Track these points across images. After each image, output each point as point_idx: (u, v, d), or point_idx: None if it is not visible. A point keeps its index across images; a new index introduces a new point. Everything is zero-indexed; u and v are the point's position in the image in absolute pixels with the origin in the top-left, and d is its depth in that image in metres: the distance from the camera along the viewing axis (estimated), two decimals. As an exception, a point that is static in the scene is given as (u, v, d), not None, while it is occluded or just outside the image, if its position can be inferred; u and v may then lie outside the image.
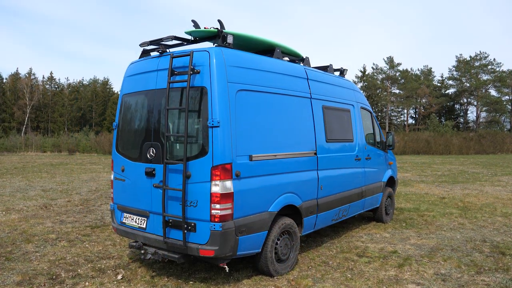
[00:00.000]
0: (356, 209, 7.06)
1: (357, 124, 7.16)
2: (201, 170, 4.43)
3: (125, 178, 5.25)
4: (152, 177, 4.85)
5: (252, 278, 5.03)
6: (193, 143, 4.62)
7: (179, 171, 4.56)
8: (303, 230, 5.62)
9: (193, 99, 4.58)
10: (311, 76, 6.12)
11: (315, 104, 6.00)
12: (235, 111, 4.55)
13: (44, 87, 69.25)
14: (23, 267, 5.37)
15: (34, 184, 13.93)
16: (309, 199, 5.63)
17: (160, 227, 4.74)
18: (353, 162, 6.87)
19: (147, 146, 4.97)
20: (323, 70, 6.90)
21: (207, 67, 4.46)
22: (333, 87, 6.73)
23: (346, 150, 6.73)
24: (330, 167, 6.16)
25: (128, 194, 5.22)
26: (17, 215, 8.57)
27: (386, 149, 8.15)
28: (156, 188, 4.80)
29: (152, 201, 4.87)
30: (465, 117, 65.20)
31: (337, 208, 6.36)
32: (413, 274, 5.22)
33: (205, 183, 4.40)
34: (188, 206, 4.50)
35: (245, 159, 4.63)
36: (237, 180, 4.50)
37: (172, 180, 4.65)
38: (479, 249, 6.27)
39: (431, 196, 11.53)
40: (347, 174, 6.65)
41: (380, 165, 7.93)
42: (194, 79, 4.55)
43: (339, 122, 6.64)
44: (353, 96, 7.34)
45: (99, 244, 6.46)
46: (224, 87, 4.47)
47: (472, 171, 19.03)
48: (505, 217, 8.62)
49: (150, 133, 4.98)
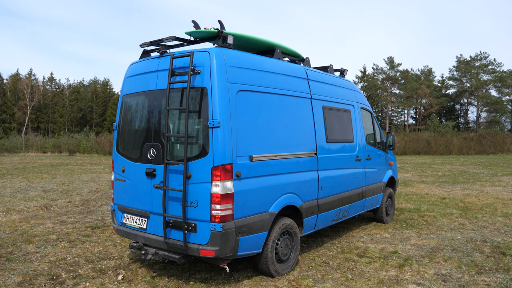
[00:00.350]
0: (356, 210, 7.06)
1: (358, 125, 7.17)
2: (201, 170, 4.43)
3: (126, 178, 5.25)
4: (152, 178, 4.85)
5: (253, 279, 5.03)
6: (193, 143, 4.62)
7: (180, 171, 4.56)
8: (304, 231, 5.61)
9: (194, 99, 4.58)
10: (312, 76, 6.12)
11: (315, 104, 6.00)
12: (235, 111, 4.55)
13: (44, 88, 69.28)
14: (23, 267, 5.37)
15: (35, 184, 13.94)
16: (310, 200, 5.63)
17: (161, 228, 4.74)
18: (354, 162, 6.87)
19: (147, 146, 4.97)
20: (324, 71, 6.90)
21: (208, 68, 4.47)
22: (333, 87, 6.73)
23: (347, 150, 6.73)
24: (331, 167, 6.16)
25: (128, 195, 5.22)
26: (17, 216, 8.58)
27: (386, 150, 8.15)
28: (157, 189, 4.80)
29: (152, 201, 4.87)
30: (466, 117, 65.20)
31: (338, 209, 6.36)
32: (414, 274, 5.22)
33: (205, 183, 4.40)
34: (189, 207, 4.50)
35: (245, 159, 4.63)
36: (238, 181, 4.51)
37: (172, 181, 4.65)
38: (479, 249, 6.27)
39: (432, 197, 11.53)
40: (347, 174, 6.65)
41: (381, 166, 7.93)
42: (195, 80, 4.55)
43: (339, 122, 6.64)
44: (353, 97, 7.34)
45: (100, 244, 6.46)
46: (225, 88, 4.47)
47: (472, 172, 19.02)
48: (505, 217, 8.62)
49: (151, 133, 4.98)
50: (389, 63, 65.25)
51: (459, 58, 63.60)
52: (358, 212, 7.22)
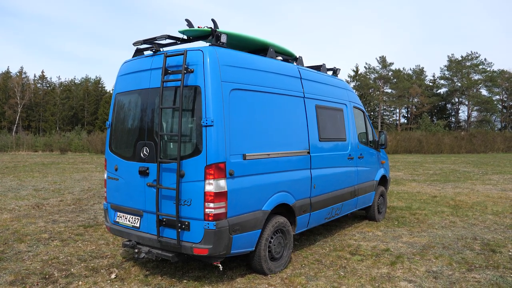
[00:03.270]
0: (349, 208, 7.11)
1: (350, 123, 7.21)
2: (195, 169, 4.44)
3: (119, 177, 5.25)
4: (145, 176, 4.85)
5: (246, 277, 5.05)
6: (186, 142, 4.62)
7: (173, 170, 4.56)
8: (296, 229, 5.65)
9: (187, 98, 4.58)
10: (305, 75, 6.15)
11: (308, 103, 6.03)
12: (228, 110, 4.56)
13: (35, 86, 68.74)
14: (15, 266, 5.34)
15: (26, 183, 13.83)
16: (303, 198, 5.67)
17: (154, 226, 4.74)
18: (346, 161, 6.92)
19: (140, 145, 4.97)
20: (316, 70, 6.93)
21: (201, 66, 4.47)
22: (326, 86, 6.76)
23: (339, 149, 6.77)
24: (323, 166, 6.19)
25: (121, 193, 5.22)
26: (9, 215, 8.51)
27: (378, 148, 8.22)
28: (150, 187, 4.80)
29: (145, 200, 4.87)
30: (457, 117, 65.81)
31: (330, 207, 6.40)
32: (405, 271, 5.27)
33: (198, 182, 4.41)
34: (182, 205, 4.50)
35: (238, 158, 4.64)
36: (231, 179, 4.52)
37: (166, 179, 4.65)
38: (470, 247, 6.35)
39: (423, 195, 11.63)
40: (340, 173, 6.70)
41: (373, 164, 7.99)
42: (188, 78, 4.55)
43: (332, 121, 6.68)
44: (346, 96, 7.39)
45: (92, 243, 6.44)
46: (218, 86, 4.48)
47: (463, 170, 19.21)
48: (495, 215, 8.73)
49: (144, 132, 4.97)
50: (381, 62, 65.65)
51: (450, 58, 64.22)
52: (351, 210, 7.27)
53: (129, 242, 5.07)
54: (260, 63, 5.25)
